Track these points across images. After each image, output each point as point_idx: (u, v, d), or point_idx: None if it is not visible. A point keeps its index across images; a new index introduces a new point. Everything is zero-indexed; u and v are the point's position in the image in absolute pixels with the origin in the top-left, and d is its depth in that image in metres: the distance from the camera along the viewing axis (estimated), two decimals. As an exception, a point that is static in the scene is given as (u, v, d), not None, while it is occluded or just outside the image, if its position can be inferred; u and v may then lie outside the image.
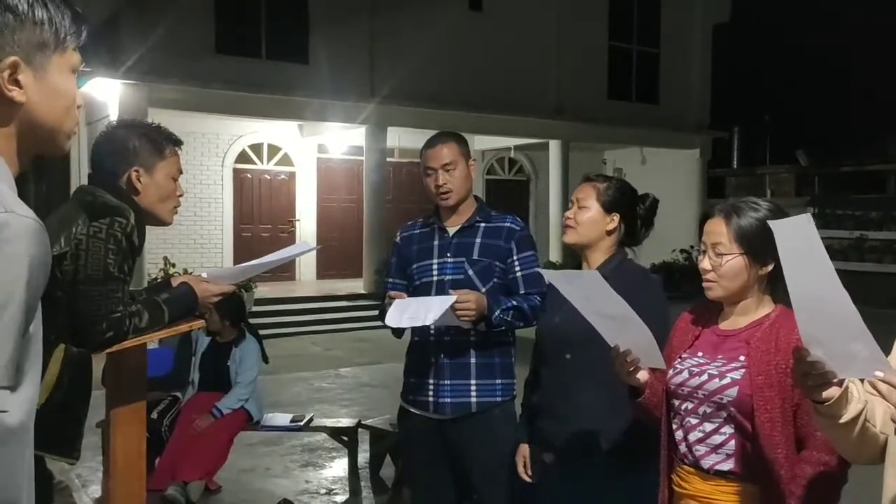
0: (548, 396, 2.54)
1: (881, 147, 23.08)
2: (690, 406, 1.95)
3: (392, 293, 2.75)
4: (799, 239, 1.35)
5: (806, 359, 1.46)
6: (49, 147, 1.19)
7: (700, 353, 1.98)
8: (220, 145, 13.98)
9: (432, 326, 2.72)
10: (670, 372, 2.01)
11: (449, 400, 2.78)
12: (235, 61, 11.91)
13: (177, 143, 2.29)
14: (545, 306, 2.71)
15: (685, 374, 1.96)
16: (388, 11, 12.94)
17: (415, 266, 2.87)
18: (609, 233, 2.51)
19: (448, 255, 2.83)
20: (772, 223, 1.41)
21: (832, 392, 1.48)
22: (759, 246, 1.88)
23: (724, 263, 1.91)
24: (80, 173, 12.14)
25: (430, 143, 2.88)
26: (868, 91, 28.60)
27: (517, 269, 2.82)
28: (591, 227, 2.50)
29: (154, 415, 4.71)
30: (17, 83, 1.10)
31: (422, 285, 2.83)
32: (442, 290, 2.76)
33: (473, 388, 2.78)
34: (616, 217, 2.51)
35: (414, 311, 2.59)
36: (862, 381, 1.51)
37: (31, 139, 1.14)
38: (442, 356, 2.79)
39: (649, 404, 2.07)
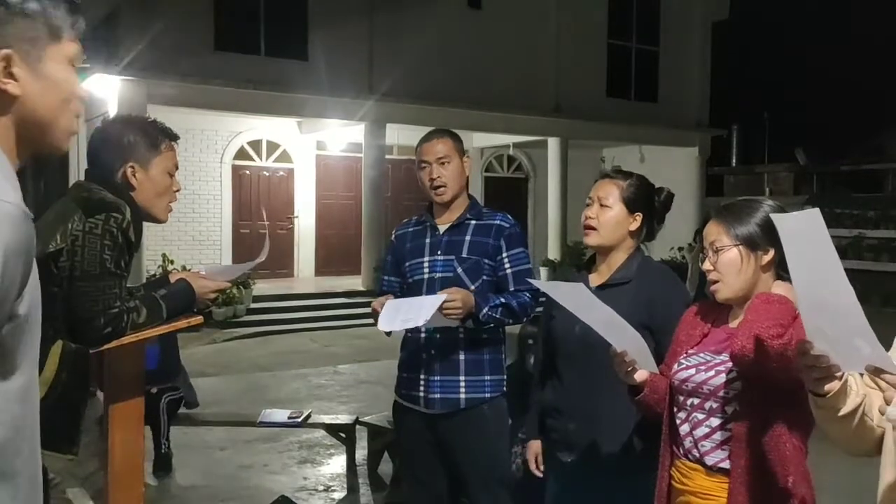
0: (569, 398, 2.46)
1: (879, 146, 23.13)
2: (697, 401, 1.97)
3: (376, 301, 2.76)
4: (805, 233, 1.35)
5: (810, 352, 1.46)
6: (47, 142, 1.18)
7: (709, 350, 2.00)
8: (219, 142, 13.97)
9: None
10: (675, 367, 2.02)
11: (438, 395, 2.80)
12: (234, 58, 11.90)
13: (172, 137, 2.27)
14: (537, 303, 2.70)
15: (692, 371, 1.97)
16: (387, 8, 12.93)
17: (407, 264, 2.90)
18: (632, 233, 2.45)
19: (438, 252, 2.85)
20: (773, 216, 1.43)
21: (833, 385, 1.49)
22: (753, 235, 1.92)
23: (720, 257, 1.93)
24: (78, 170, 12.12)
25: (426, 138, 2.91)
26: (866, 90, 28.61)
27: (507, 266, 2.83)
28: (615, 227, 2.42)
29: (154, 389, 4.78)
30: (11, 76, 1.10)
31: (414, 283, 2.86)
32: (433, 287, 2.79)
33: (462, 384, 2.79)
34: (639, 217, 2.44)
35: (406, 313, 2.61)
36: (861, 374, 1.52)
37: (29, 133, 1.14)
38: (432, 352, 2.82)
39: (649, 401, 2.08)
